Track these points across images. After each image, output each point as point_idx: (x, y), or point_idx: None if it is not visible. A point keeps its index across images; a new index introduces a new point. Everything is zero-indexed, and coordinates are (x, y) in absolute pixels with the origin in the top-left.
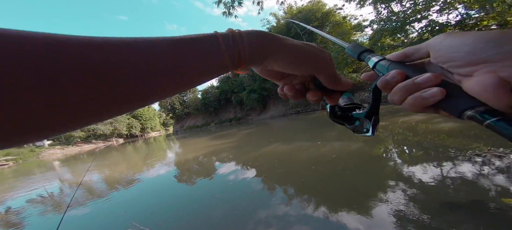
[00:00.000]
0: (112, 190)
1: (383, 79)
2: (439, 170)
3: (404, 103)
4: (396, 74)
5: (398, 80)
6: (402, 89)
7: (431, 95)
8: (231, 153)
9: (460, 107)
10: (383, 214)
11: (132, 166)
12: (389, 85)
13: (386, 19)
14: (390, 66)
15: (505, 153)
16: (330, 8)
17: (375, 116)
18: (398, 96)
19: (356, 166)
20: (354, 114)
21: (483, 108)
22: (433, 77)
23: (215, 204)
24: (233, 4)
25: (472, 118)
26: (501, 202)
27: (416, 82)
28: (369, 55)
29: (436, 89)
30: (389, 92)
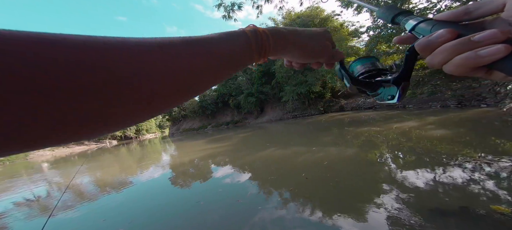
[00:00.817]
0: (98, 195)
1: (426, 39)
2: (431, 176)
3: (448, 63)
4: (445, 33)
5: (445, 40)
6: (451, 48)
7: (491, 52)
8: (225, 157)
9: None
10: (375, 219)
11: (123, 170)
12: (433, 45)
13: (382, 26)
14: (434, 27)
15: (494, 160)
16: (328, 14)
17: (405, 81)
18: (442, 56)
19: (350, 172)
20: (380, 79)
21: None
22: (499, 33)
23: (198, 213)
24: (233, 8)
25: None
26: (490, 209)
27: (473, 40)
28: (406, 17)
29: (500, 46)
30: (429, 54)
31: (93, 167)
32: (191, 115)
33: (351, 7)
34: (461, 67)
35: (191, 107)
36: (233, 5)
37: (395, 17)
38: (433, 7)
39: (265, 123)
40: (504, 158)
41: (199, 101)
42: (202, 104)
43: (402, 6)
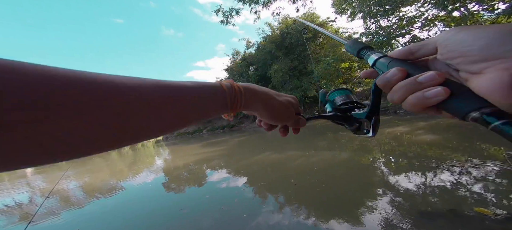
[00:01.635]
0: (82, 201)
1: (383, 77)
2: (421, 179)
3: (404, 102)
4: (397, 72)
5: (399, 78)
6: (403, 87)
7: (434, 94)
8: (218, 162)
9: (464, 108)
10: (367, 223)
11: (111, 175)
12: (389, 84)
13: (374, 33)
14: (390, 64)
15: (479, 164)
16: (324, 20)
17: (375, 116)
18: (398, 95)
19: (343, 176)
20: (354, 114)
21: (490, 110)
22: (437, 75)
23: (178, 221)
24: (231, 13)
25: (477, 119)
26: (474, 211)
27: (418, 81)
28: (368, 52)
29: (440, 89)
30: (389, 91)
31: (81, 172)
32: None
33: (345, 14)
34: (415, 106)
35: None
36: (231, 11)
37: (360, 51)
38: (421, 15)
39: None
40: (488, 162)
41: None
42: None
43: (394, 13)
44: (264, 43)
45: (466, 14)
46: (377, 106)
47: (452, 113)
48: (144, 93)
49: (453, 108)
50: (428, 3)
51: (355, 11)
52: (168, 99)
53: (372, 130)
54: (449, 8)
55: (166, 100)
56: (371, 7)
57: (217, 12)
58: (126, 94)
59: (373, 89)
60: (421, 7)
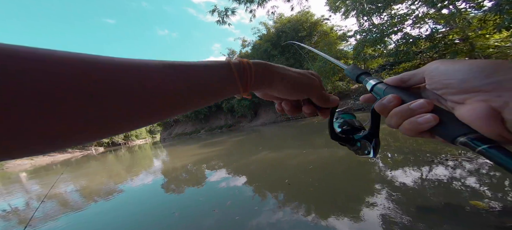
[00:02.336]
0: (80, 205)
1: (380, 103)
2: (418, 174)
3: (400, 127)
4: (392, 99)
5: (394, 105)
6: (398, 114)
7: (425, 121)
8: (215, 163)
9: (453, 133)
10: (367, 218)
11: (107, 178)
12: (386, 109)
13: (367, 31)
14: (386, 90)
15: (472, 157)
16: (318, 19)
17: (375, 138)
18: (394, 120)
19: (341, 172)
20: (356, 136)
21: (475, 136)
22: (426, 103)
23: (169, 225)
24: (227, 13)
25: (465, 144)
26: (469, 204)
27: (410, 108)
28: (367, 78)
29: (429, 116)
30: (386, 115)
31: (77, 176)
32: (184, 119)
33: (339, 12)
34: (410, 131)
35: None
36: (227, 10)
37: (359, 76)
38: (411, 13)
39: (259, 126)
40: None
41: None
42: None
43: (386, 11)
44: (260, 42)
45: (454, 12)
46: (377, 129)
47: (443, 138)
48: (149, 72)
49: (443, 133)
50: (418, 1)
51: (348, 9)
52: (172, 79)
53: (373, 151)
54: (438, 6)
55: (171, 79)
56: (364, 4)
57: (212, 12)
58: (130, 74)
59: (372, 113)
60: (412, 5)
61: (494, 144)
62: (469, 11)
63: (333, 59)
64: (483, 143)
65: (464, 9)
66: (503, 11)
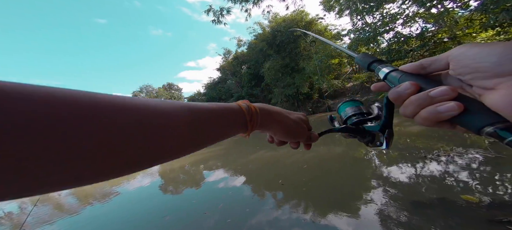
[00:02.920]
0: (75, 209)
1: (395, 90)
2: (412, 170)
3: (417, 117)
4: (409, 86)
5: (411, 93)
6: (415, 102)
7: (446, 109)
8: (212, 163)
9: (479, 123)
10: (364, 215)
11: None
12: (401, 97)
13: (361, 30)
14: (402, 78)
15: (462, 152)
16: (313, 18)
17: (389, 129)
18: (410, 109)
19: (338, 170)
20: (367, 127)
21: (504, 125)
22: (449, 90)
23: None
24: (222, 12)
25: (492, 134)
26: (461, 198)
27: (431, 95)
28: (379, 66)
29: (453, 104)
30: (401, 104)
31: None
32: None
33: (333, 11)
34: (427, 121)
35: None
36: (222, 10)
37: (370, 64)
38: (402, 12)
39: None
40: (471, 150)
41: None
42: None
43: (378, 10)
44: (256, 42)
45: (442, 11)
46: (390, 119)
47: (466, 127)
48: (175, 116)
49: (467, 123)
50: (409, 0)
51: (342, 8)
52: (196, 121)
53: (386, 142)
54: (427, 5)
55: (195, 122)
56: (357, 4)
57: (207, 12)
58: (161, 118)
59: (386, 103)
60: (402, 4)
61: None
62: (456, 10)
63: (342, 47)
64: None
65: (451, 9)
66: (489, 11)
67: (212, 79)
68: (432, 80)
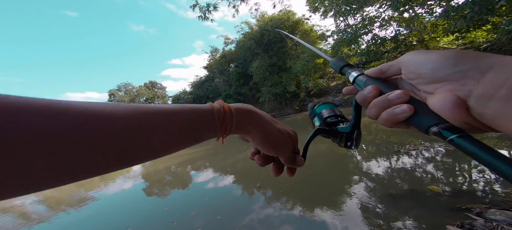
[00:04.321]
0: (46, 217)
1: (361, 94)
2: (387, 164)
3: (379, 118)
4: (371, 90)
5: (373, 96)
6: (377, 104)
7: (401, 111)
8: (194, 165)
9: (426, 123)
10: (346, 208)
11: (80, 185)
12: (366, 100)
13: (343, 31)
14: (366, 82)
15: (429, 146)
16: (299, 18)
17: (357, 130)
18: (373, 111)
19: (324, 166)
20: (339, 128)
21: (445, 125)
22: (402, 94)
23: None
24: (209, 8)
25: (436, 134)
26: (428, 189)
27: (388, 99)
28: (349, 70)
29: (405, 106)
30: (367, 106)
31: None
32: None
33: (318, 12)
34: (387, 121)
35: None
36: (209, 6)
37: (342, 68)
38: (379, 16)
39: None
40: (435, 144)
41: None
42: None
43: (359, 12)
44: (244, 40)
45: (413, 16)
46: (358, 120)
47: (417, 128)
48: (130, 121)
49: (417, 123)
50: (385, 5)
51: (327, 10)
52: (154, 126)
53: (355, 143)
54: (400, 10)
55: (152, 127)
56: (340, 6)
57: (193, 8)
58: (113, 123)
59: (354, 105)
60: (379, 8)
61: (462, 134)
62: (424, 15)
63: (319, 51)
64: (452, 133)
65: (420, 14)
66: (450, 17)
67: (199, 78)
68: (391, 85)
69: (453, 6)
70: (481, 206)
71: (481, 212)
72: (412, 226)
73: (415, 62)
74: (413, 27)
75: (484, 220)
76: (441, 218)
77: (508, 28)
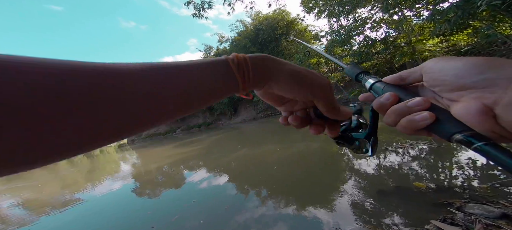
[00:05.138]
0: (27, 220)
1: (378, 101)
2: (376, 161)
3: (398, 125)
4: (389, 97)
5: (392, 103)
6: (396, 112)
7: (421, 119)
8: (186, 165)
9: (449, 131)
10: (337, 204)
11: (64, 186)
12: (383, 107)
13: (336, 32)
14: (384, 89)
15: (413, 144)
16: (294, 17)
17: (373, 137)
18: (392, 118)
19: (317, 163)
20: (354, 135)
21: (470, 133)
22: (423, 101)
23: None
24: (204, 6)
25: (461, 141)
26: (414, 185)
27: (408, 106)
28: (365, 77)
29: (426, 114)
30: (384, 114)
31: (17, 189)
32: None
33: (312, 12)
34: (407, 129)
35: None
36: (204, 4)
37: (358, 75)
38: (371, 17)
39: (239, 123)
40: (420, 142)
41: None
42: None
43: (351, 13)
44: (239, 39)
45: (402, 18)
46: (375, 127)
47: (439, 135)
48: (138, 79)
49: (439, 131)
50: (376, 7)
51: (321, 10)
52: (167, 83)
53: (371, 150)
54: (390, 12)
55: (165, 83)
56: (334, 6)
57: (188, 4)
58: (120, 81)
59: (371, 112)
60: (371, 10)
61: (488, 141)
62: (412, 18)
63: (334, 58)
64: (477, 140)
65: (409, 16)
66: (435, 20)
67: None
68: (410, 92)
69: (439, 10)
70: (461, 201)
71: (461, 207)
72: (399, 221)
73: (439, 69)
74: (402, 30)
75: (464, 214)
76: (425, 213)
77: (487, 32)
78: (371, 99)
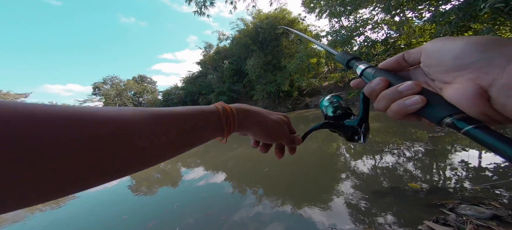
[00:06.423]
0: (18, 217)
1: (368, 86)
2: (372, 162)
3: (388, 110)
4: (380, 81)
5: (382, 87)
6: (386, 96)
7: (412, 103)
8: (184, 162)
9: (439, 114)
10: (333, 204)
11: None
12: (374, 92)
13: (337, 32)
14: (375, 74)
15: (410, 146)
16: (295, 17)
17: (365, 123)
18: (382, 103)
19: (313, 163)
20: (346, 122)
21: (460, 116)
22: (414, 85)
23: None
24: (205, 3)
25: (450, 125)
26: (409, 186)
27: (399, 90)
28: (356, 63)
29: (417, 97)
30: (375, 99)
31: None
32: None
33: (313, 12)
34: (397, 113)
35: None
36: (205, 1)
37: (349, 61)
38: (372, 18)
39: None
40: (416, 144)
41: (163, 101)
42: (166, 103)
43: (352, 13)
44: (240, 37)
45: (403, 20)
46: (366, 114)
47: (429, 119)
48: (135, 124)
49: (429, 115)
50: (378, 8)
51: (322, 10)
52: (163, 129)
53: (363, 137)
54: (392, 13)
55: (161, 130)
56: (335, 6)
57: (189, 2)
58: (116, 128)
59: (362, 98)
60: (373, 11)
61: (479, 124)
62: (414, 20)
63: (324, 45)
64: (468, 123)
65: (410, 18)
66: (437, 22)
67: (192, 73)
68: (401, 76)
69: (441, 12)
70: (453, 202)
71: (453, 208)
72: (393, 222)
73: (439, 48)
74: (402, 31)
75: (456, 215)
76: (419, 213)
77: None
78: (362, 85)
